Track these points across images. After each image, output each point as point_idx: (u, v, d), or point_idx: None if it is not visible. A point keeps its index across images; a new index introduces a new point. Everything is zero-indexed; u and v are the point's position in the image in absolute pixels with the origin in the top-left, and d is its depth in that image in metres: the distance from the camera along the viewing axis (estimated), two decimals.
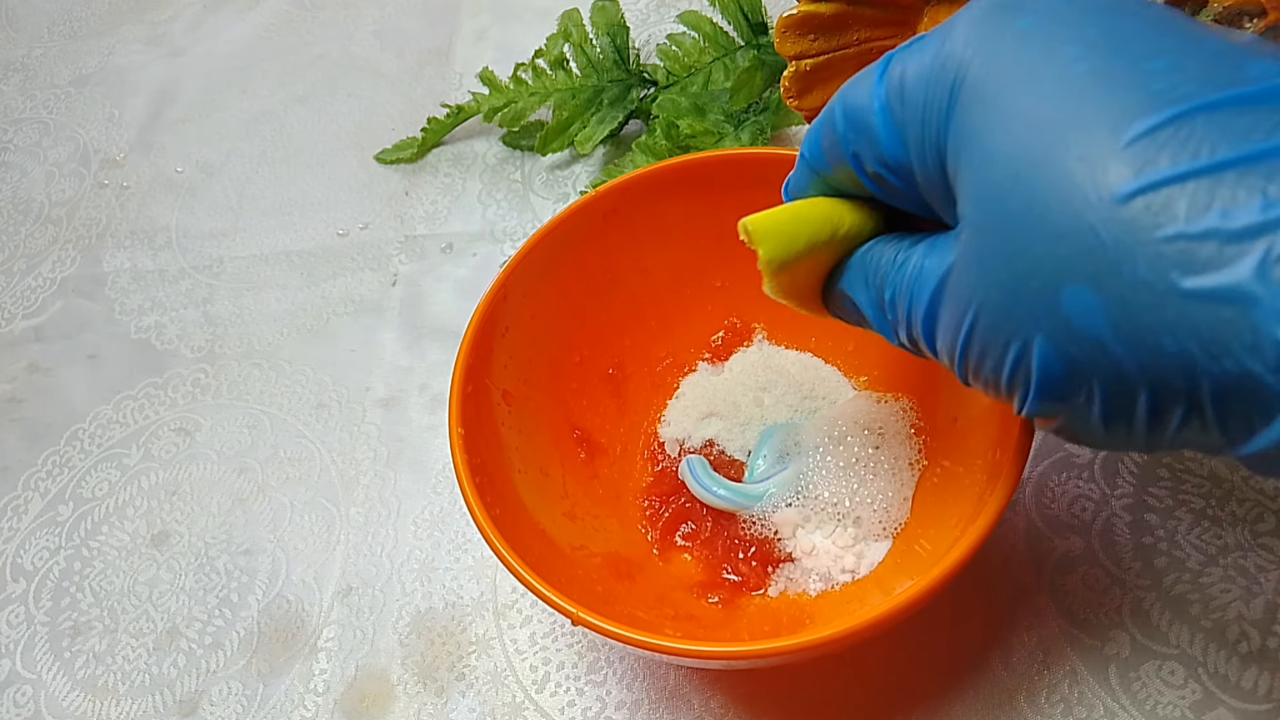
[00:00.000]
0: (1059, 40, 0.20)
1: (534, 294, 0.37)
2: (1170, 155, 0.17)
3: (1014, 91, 0.20)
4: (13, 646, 0.42)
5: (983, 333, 0.21)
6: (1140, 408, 0.19)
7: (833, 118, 0.25)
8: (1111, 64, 0.19)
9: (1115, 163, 0.18)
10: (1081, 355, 0.19)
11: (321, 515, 0.43)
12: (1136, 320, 0.18)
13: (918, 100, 0.22)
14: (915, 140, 0.22)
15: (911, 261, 0.23)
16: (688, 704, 0.36)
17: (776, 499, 0.36)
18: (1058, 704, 0.34)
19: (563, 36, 0.53)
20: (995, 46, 0.20)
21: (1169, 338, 0.17)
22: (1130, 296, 0.18)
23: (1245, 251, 0.16)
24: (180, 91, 0.62)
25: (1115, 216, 0.18)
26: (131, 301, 0.52)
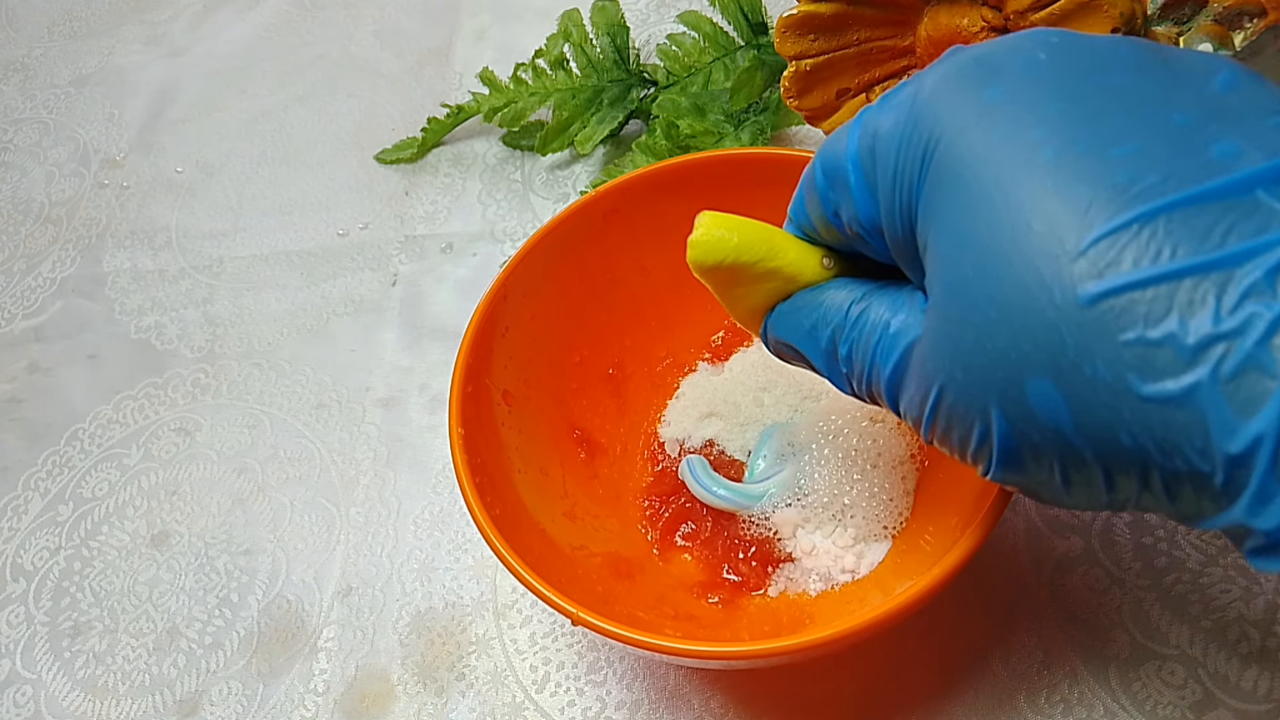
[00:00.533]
0: (1025, 121, 0.20)
1: (534, 294, 0.37)
2: (1131, 258, 0.18)
3: (981, 176, 0.20)
4: (13, 646, 0.42)
5: (948, 409, 0.21)
6: (1098, 483, 0.20)
7: (813, 173, 0.25)
8: (1074, 151, 0.19)
9: (1077, 264, 0.18)
10: (1042, 440, 0.20)
11: (321, 515, 0.43)
12: (1095, 416, 0.18)
13: (889, 164, 0.22)
14: (886, 203, 0.22)
15: (870, 318, 0.24)
16: (688, 704, 0.36)
17: (776, 499, 0.36)
18: (1058, 704, 0.34)
19: (563, 36, 0.53)
20: (963, 121, 0.20)
21: (1126, 434, 0.18)
22: (1090, 394, 0.18)
23: (1199, 360, 0.17)
24: (180, 91, 0.62)
25: (1077, 318, 0.18)
26: (131, 301, 0.52)
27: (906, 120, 0.22)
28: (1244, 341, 0.17)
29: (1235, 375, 0.17)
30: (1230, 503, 0.18)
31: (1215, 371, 0.17)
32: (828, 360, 0.25)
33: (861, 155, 0.23)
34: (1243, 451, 0.17)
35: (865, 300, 0.24)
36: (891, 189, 0.22)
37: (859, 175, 0.23)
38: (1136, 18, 0.32)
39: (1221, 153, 0.18)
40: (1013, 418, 0.20)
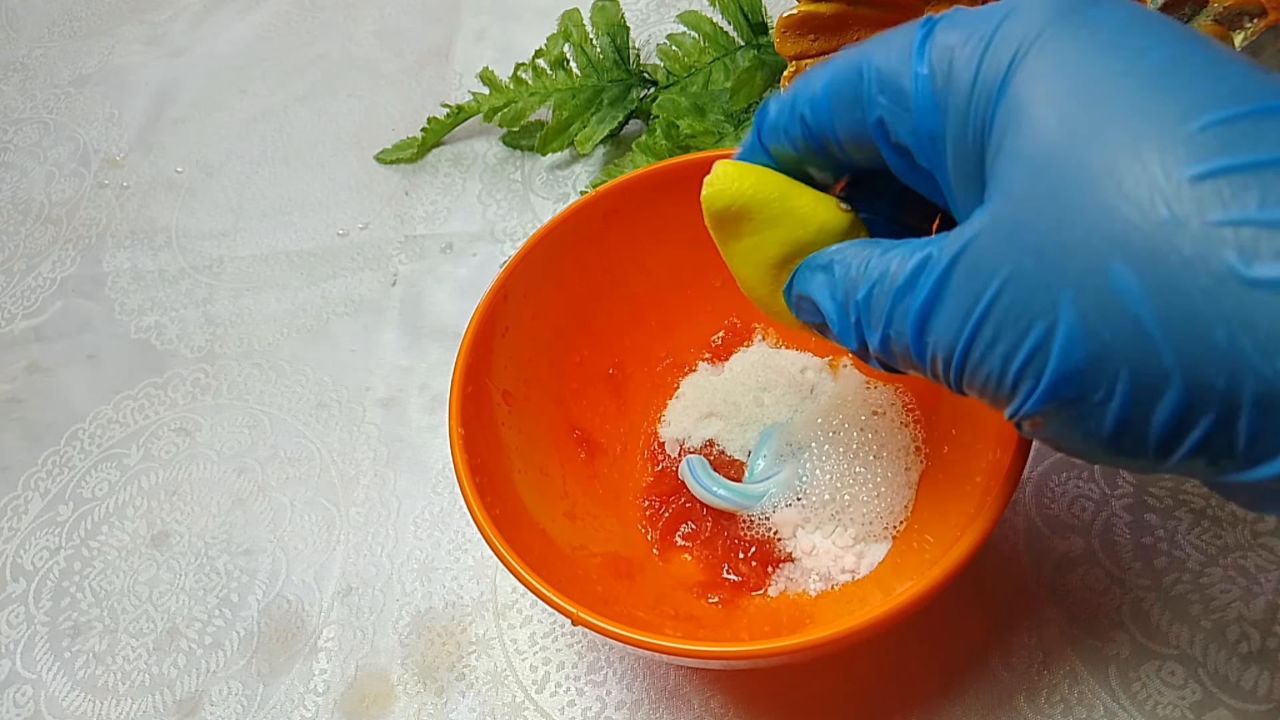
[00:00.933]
0: (1131, 31, 0.19)
1: (534, 294, 0.37)
2: (1246, 143, 0.17)
3: (1081, 67, 0.19)
4: (13, 646, 0.42)
5: (1002, 312, 0.19)
6: (1162, 411, 0.18)
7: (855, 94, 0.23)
8: (1186, 57, 0.18)
9: (1186, 143, 0.17)
10: (1115, 340, 0.17)
11: (321, 515, 0.43)
12: (1188, 306, 0.17)
13: (968, 72, 0.21)
14: (957, 114, 0.21)
15: (897, 260, 0.22)
16: (688, 704, 0.36)
17: (776, 499, 0.36)
18: (1058, 704, 0.34)
19: (563, 36, 0.53)
20: (1064, 28, 0.20)
21: (1221, 329, 0.16)
22: (1186, 280, 0.16)
23: None
24: (180, 91, 0.62)
25: (1180, 195, 0.17)
26: (131, 301, 0.52)
27: (994, 34, 0.20)
28: None
29: None
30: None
31: None
32: (840, 312, 0.24)
33: (935, 71, 0.21)
34: None
35: (885, 248, 0.23)
36: (968, 98, 0.21)
37: (926, 87, 0.22)
38: None
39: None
40: (1086, 308, 0.18)
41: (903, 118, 0.22)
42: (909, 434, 0.36)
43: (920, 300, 0.21)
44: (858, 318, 0.23)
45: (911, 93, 0.22)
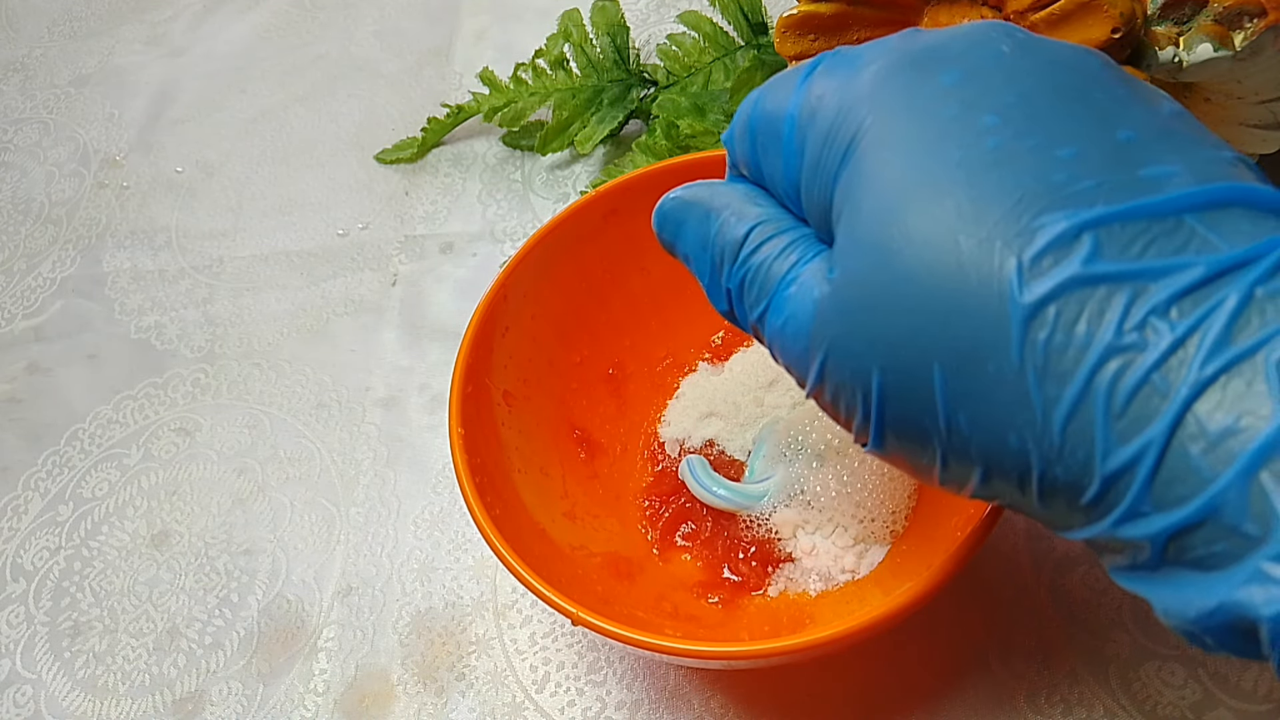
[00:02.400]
0: (977, 105, 0.19)
1: (534, 294, 0.37)
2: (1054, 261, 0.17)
3: (920, 151, 0.19)
4: (13, 646, 0.42)
5: (835, 376, 0.21)
6: (975, 479, 0.20)
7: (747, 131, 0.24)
8: (1019, 145, 0.19)
9: (1004, 261, 0.18)
10: (928, 426, 0.19)
11: (321, 515, 0.43)
12: (988, 412, 0.18)
13: (820, 131, 0.21)
14: (809, 168, 0.22)
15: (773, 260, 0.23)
16: (688, 704, 0.36)
17: (776, 499, 0.36)
18: (1057, 704, 0.34)
19: (563, 36, 0.53)
20: (912, 98, 0.20)
21: (1014, 435, 0.18)
22: (988, 389, 0.18)
23: (1097, 372, 0.17)
24: (180, 91, 0.62)
25: (997, 312, 0.18)
26: (131, 301, 0.52)
27: (851, 86, 0.21)
28: (1144, 358, 0.17)
29: (1131, 391, 0.17)
30: (1101, 517, 0.18)
31: (1112, 383, 0.17)
32: (713, 275, 0.24)
33: (802, 113, 0.22)
34: (1120, 468, 0.17)
35: (764, 227, 0.23)
36: (819, 155, 0.21)
37: (792, 133, 0.22)
38: (1136, 18, 0.32)
39: (1157, 173, 0.18)
40: (903, 399, 0.19)
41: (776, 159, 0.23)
42: None
43: (779, 324, 0.22)
44: (728, 289, 0.24)
45: (783, 134, 0.22)
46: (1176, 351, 0.16)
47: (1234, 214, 0.18)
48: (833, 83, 0.22)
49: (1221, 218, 0.18)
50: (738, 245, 0.23)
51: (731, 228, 0.24)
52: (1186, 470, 0.16)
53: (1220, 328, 0.16)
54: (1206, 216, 0.18)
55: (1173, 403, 0.16)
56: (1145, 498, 0.17)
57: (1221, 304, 0.16)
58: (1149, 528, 0.17)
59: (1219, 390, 0.16)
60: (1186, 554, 0.17)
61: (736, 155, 0.25)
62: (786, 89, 0.23)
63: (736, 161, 0.25)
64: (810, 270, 0.22)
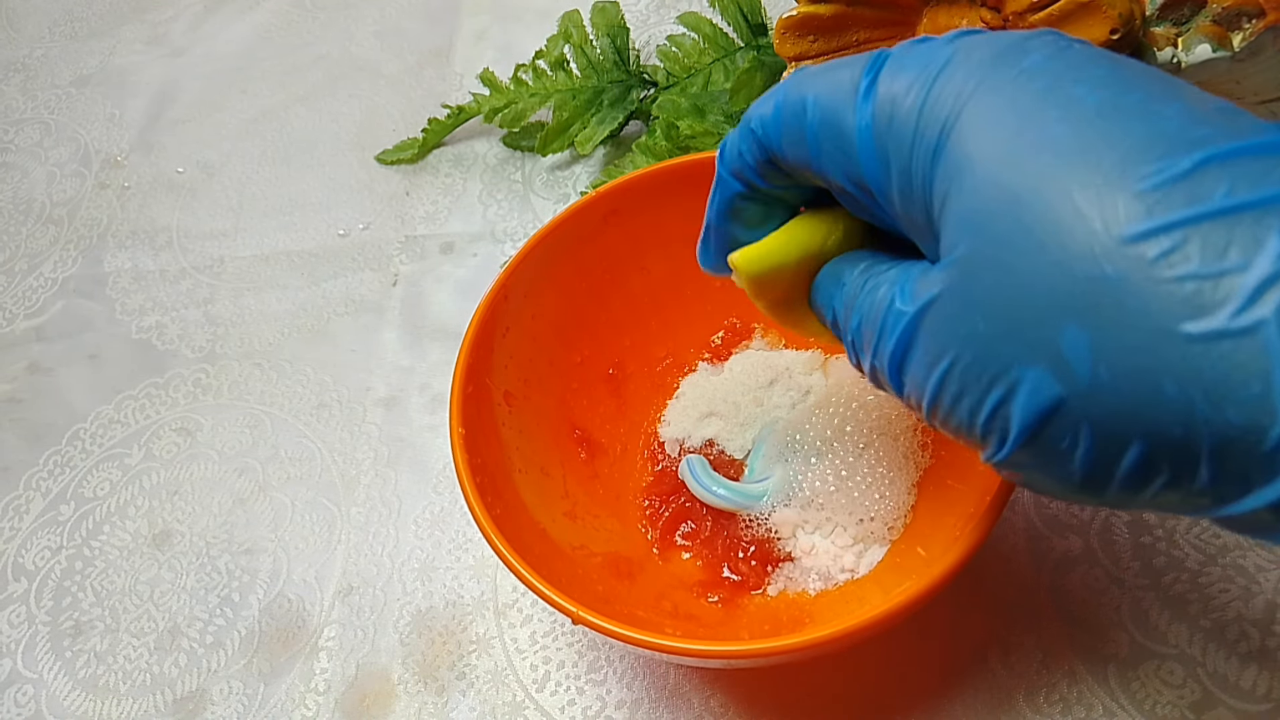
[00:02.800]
0: (1066, 78, 0.19)
1: (534, 294, 0.37)
2: (1186, 195, 0.17)
3: (1017, 120, 0.19)
4: (14, 646, 0.42)
5: (963, 371, 0.20)
6: (1127, 460, 0.18)
7: (800, 128, 0.23)
8: (1122, 101, 0.18)
9: (1127, 199, 0.17)
10: (1074, 398, 0.18)
11: (322, 515, 0.43)
12: (1138, 362, 0.17)
13: (908, 128, 0.21)
14: (900, 167, 0.21)
15: (881, 290, 0.22)
16: (688, 703, 0.36)
17: (776, 498, 0.36)
18: (1057, 704, 0.34)
19: (563, 37, 0.53)
20: (999, 79, 0.20)
21: (1171, 382, 0.17)
22: (1134, 338, 0.17)
23: (1260, 298, 0.16)
24: (180, 91, 0.63)
25: (1124, 254, 0.17)
26: (132, 301, 0.52)
27: (934, 85, 0.20)
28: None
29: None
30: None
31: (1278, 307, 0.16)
32: (842, 335, 0.24)
33: (878, 118, 0.21)
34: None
35: (871, 269, 0.23)
36: (909, 152, 0.21)
37: (867, 137, 0.22)
38: (1135, 18, 0.33)
39: (1253, 126, 0.18)
40: (1043, 371, 0.18)
41: (843, 165, 0.22)
42: (909, 433, 0.36)
43: (891, 347, 0.22)
44: (852, 340, 0.24)
45: (855, 142, 0.22)
46: None
47: None
48: (905, 82, 0.21)
49: None
50: (854, 298, 0.23)
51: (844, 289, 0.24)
52: None
53: None
54: None
55: None
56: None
57: None
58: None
59: None
60: None
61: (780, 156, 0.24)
62: (847, 96, 0.22)
63: (752, 168, 0.25)
64: (911, 283, 0.21)
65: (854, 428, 0.36)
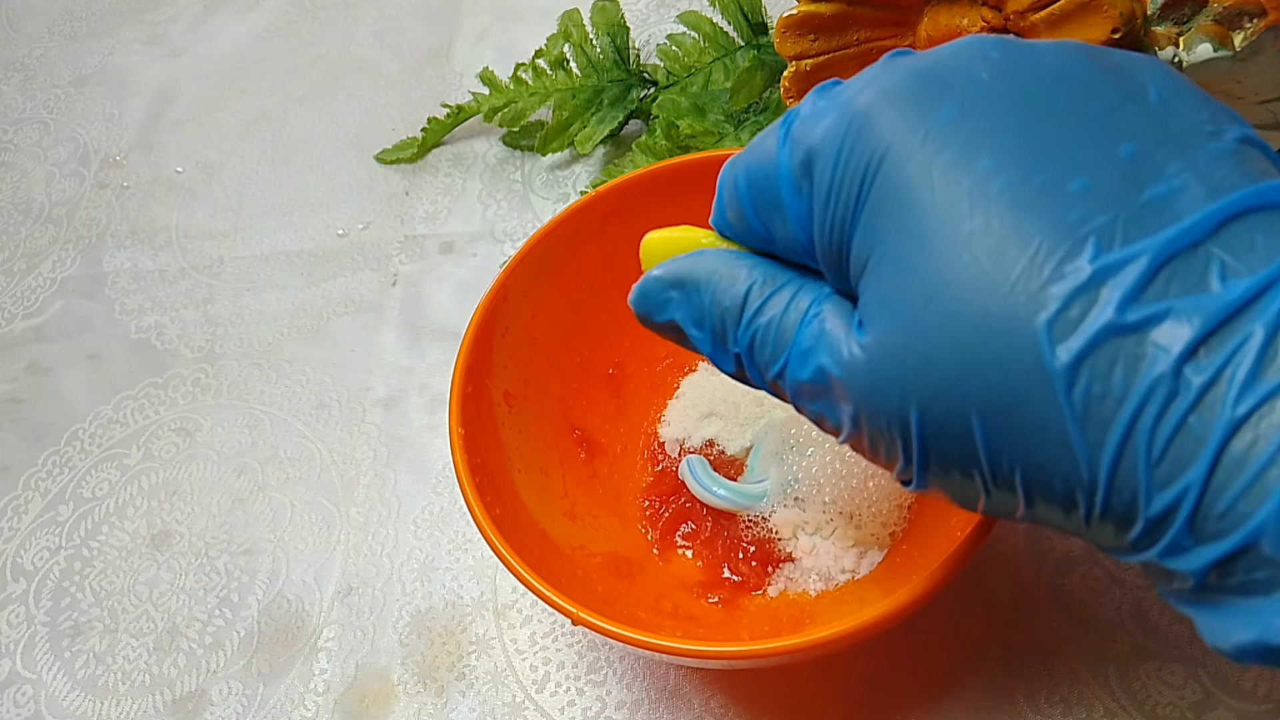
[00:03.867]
0: (976, 146, 0.19)
1: (534, 294, 0.37)
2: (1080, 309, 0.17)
3: (930, 203, 0.19)
4: (13, 646, 0.42)
5: (871, 427, 0.21)
6: (1020, 513, 0.20)
7: (735, 191, 0.23)
8: (1030, 182, 0.19)
9: (1031, 308, 0.18)
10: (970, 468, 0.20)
11: (322, 515, 0.43)
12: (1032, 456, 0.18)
13: (825, 181, 0.21)
14: (820, 225, 0.21)
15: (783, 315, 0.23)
16: (688, 704, 0.36)
17: (776, 499, 0.36)
18: (1057, 704, 0.34)
19: (563, 36, 0.53)
20: (910, 143, 0.20)
21: (1059, 480, 0.18)
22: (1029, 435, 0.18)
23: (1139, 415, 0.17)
24: (180, 92, 0.62)
25: (1028, 363, 0.18)
26: (132, 301, 0.52)
27: (846, 135, 0.21)
28: (1178, 402, 0.17)
29: (1169, 437, 0.17)
30: (1146, 549, 0.18)
31: (1151, 430, 0.17)
32: (714, 343, 0.24)
33: (794, 171, 0.22)
34: (1162, 512, 0.17)
35: (763, 282, 0.23)
36: (826, 207, 0.21)
37: (793, 192, 0.22)
38: (1136, 18, 0.32)
39: (1166, 190, 0.18)
40: (945, 447, 0.20)
41: (781, 224, 0.23)
42: None
43: (803, 379, 0.22)
44: (738, 354, 0.24)
45: (783, 202, 0.22)
46: (1209, 391, 0.17)
47: (1249, 225, 0.18)
48: (820, 130, 0.21)
49: (1236, 235, 0.18)
50: (739, 308, 0.23)
51: (725, 292, 0.24)
52: (1225, 507, 0.17)
53: (1250, 364, 0.16)
54: (1221, 238, 0.18)
55: (1208, 445, 0.17)
56: (1186, 535, 0.17)
57: (1249, 339, 0.17)
58: (1191, 561, 0.17)
59: (1252, 428, 0.16)
60: (1228, 580, 0.17)
61: (733, 230, 0.25)
62: (767, 151, 0.22)
63: (733, 235, 0.25)
64: (828, 321, 0.22)
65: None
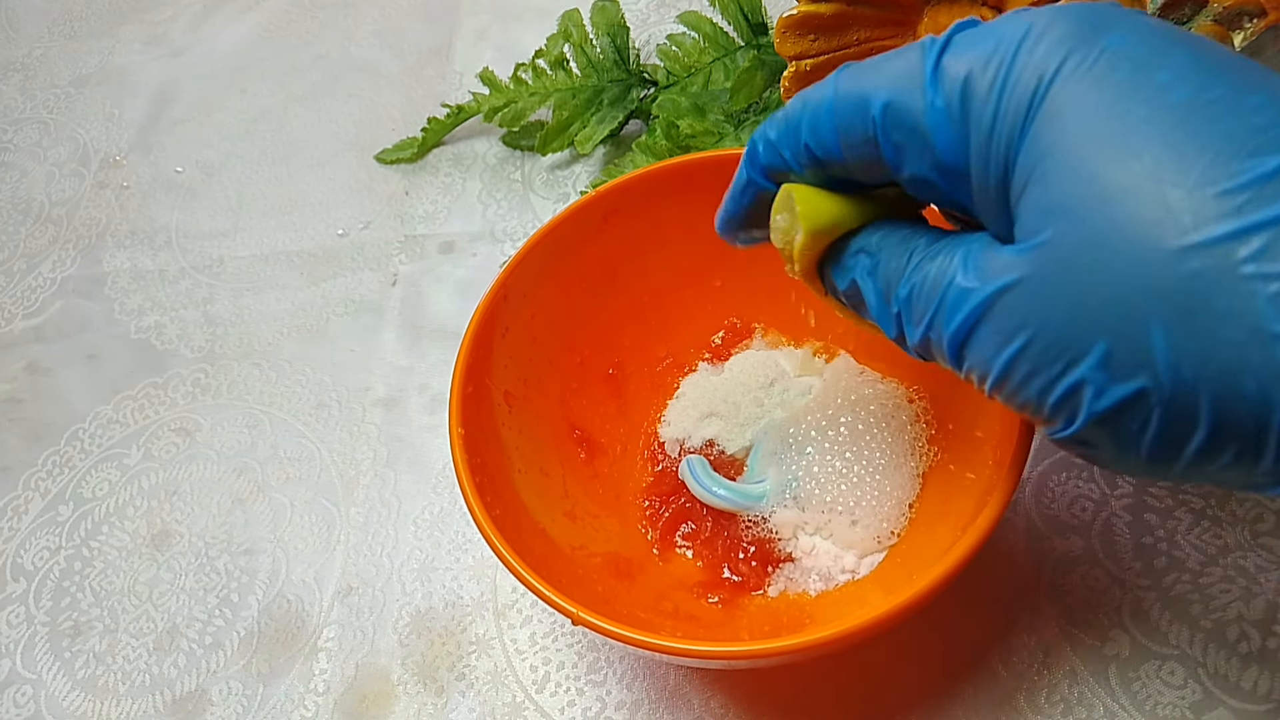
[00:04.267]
0: (1150, 65, 0.19)
1: (534, 294, 0.37)
2: (1274, 196, 0.17)
3: (1105, 113, 0.19)
4: (13, 646, 0.42)
5: (1038, 354, 0.20)
6: (1194, 444, 0.19)
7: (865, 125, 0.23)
8: (1208, 94, 0.18)
9: (1219, 199, 0.17)
10: (1152, 387, 0.18)
11: (321, 515, 0.43)
12: (1221, 360, 0.17)
13: (988, 108, 0.21)
14: (979, 147, 0.21)
15: (937, 265, 0.22)
16: (688, 704, 0.36)
17: (776, 499, 0.36)
18: (1058, 704, 0.34)
19: (563, 36, 0.53)
20: (1082, 62, 0.20)
21: (1252, 380, 0.17)
22: (1220, 336, 0.17)
23: None
24: (180, 91, 0.62)
25: (1214, 253, 0.17)
26: (131, 301, 0.52)
27: (1017, 53, 0.20)
28: None
29: None
30: None
31: None
32: (881, 302, 0.24)
33: (949, 98, 0.21)
34: None
35: (928, 243, 0.23)
36: (990, 132, 0.21)
37: (943, 119, 0.21)
38: None
39: None
40: (1122, 359, 0.18)
41: (920, 153, 0.22)
42: (910, 434, 0.36)
43: (958, 322, 0.21)
44: (898, 311, 0.23)
45: (929, 128, 0.22)
46: None
47: None
48: (979, 60, 0.21)
49: None
50: (903, 267, 0.23)
51: (893, 255, 0.24)
52: None
53: None
54: None
55: None
56: None
57: None
58: None
59: None
60: None
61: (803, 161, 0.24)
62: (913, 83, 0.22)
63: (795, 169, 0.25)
64: (979, 261, 0.21)
65: (855, 429, 0.36)
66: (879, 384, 0.38)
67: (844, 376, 0.39)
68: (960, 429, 0.35)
